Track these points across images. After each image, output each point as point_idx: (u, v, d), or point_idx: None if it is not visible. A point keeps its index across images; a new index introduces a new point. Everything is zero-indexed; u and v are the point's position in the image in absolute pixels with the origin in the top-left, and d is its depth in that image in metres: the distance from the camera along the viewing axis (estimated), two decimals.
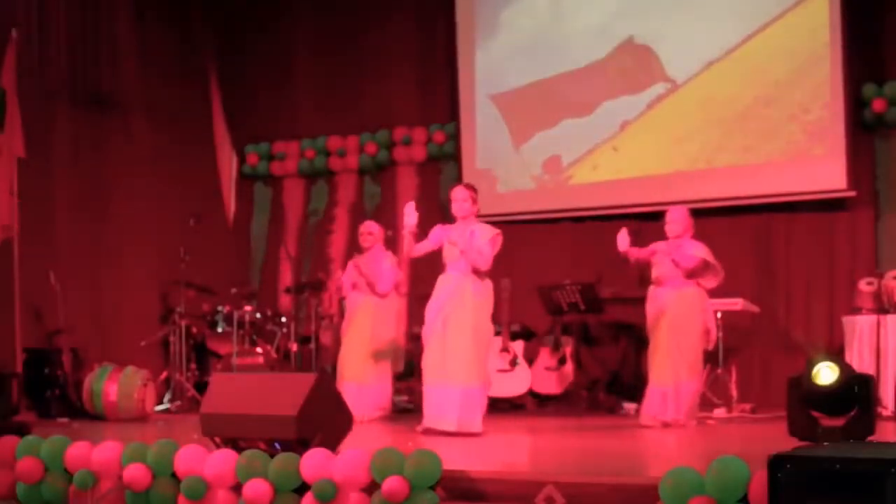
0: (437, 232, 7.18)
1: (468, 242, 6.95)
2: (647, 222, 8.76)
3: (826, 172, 9.01)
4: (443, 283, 7.10)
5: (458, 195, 7.13)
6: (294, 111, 11.43)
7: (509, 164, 10.35)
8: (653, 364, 7.58)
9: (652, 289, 7.69)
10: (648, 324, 7.72)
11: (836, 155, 8.95)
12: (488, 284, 7.06)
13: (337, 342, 8.99)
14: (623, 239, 7.50)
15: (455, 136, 10.65)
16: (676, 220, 7.67)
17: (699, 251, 7.55)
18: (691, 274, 7.52)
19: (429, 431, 6.88)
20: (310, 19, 11.40)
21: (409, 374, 9.77)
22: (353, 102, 11.10)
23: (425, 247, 7.18)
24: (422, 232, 7.18)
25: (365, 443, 5.70)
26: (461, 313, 6.93)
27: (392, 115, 10.96)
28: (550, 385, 9.14)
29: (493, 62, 10.48)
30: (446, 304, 6.99)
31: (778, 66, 9.21)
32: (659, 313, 7.57)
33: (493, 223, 7.27)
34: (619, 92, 9.86)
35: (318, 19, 11.37)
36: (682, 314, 7.51)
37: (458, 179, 10.28)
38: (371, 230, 8.45)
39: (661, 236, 7.75)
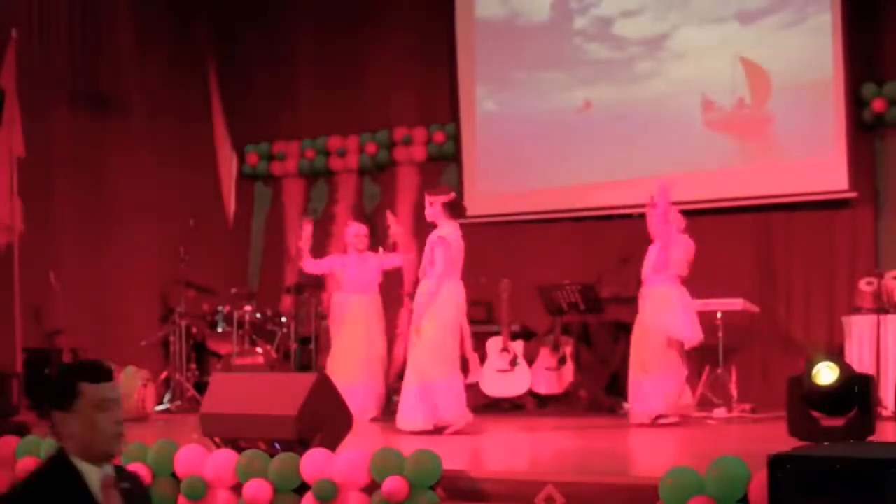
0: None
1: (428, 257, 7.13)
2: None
3: (826, 172, 9.00)
4: (419, 290, 7.26)
5: (425, 201, 7.28)
6: (294, 111, 11.41)
7: (509, 164, 10.34)
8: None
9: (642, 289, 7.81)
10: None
11: (836, 155, 8.94)
12: (447, 285, 7.09)
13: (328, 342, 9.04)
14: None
15: (455, 136, 10.64)
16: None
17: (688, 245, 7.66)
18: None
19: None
20: (310, 19, 11.40)
21: None
22: (353, 102, 11.09)
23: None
24: (421, 233, 7.20)
25: (365, 443, 5.70)
26: (423, 318, 7.06)
27: (392, 115, 10.95)
28: (550, 385, 9.13)
29: (494, 61, 10.47)
30: (415, 308, 7.19)
31: (777, 66, 9.21)
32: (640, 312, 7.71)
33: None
34: (619, 91, 9.86)
35: (319, 19, 11.35)
36: (648, 312, 7.61)
37: (459, 179, 10.29)
38: (365, 232, 8.64)
39: None
